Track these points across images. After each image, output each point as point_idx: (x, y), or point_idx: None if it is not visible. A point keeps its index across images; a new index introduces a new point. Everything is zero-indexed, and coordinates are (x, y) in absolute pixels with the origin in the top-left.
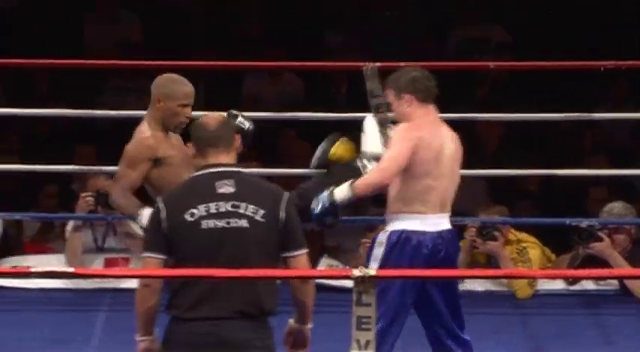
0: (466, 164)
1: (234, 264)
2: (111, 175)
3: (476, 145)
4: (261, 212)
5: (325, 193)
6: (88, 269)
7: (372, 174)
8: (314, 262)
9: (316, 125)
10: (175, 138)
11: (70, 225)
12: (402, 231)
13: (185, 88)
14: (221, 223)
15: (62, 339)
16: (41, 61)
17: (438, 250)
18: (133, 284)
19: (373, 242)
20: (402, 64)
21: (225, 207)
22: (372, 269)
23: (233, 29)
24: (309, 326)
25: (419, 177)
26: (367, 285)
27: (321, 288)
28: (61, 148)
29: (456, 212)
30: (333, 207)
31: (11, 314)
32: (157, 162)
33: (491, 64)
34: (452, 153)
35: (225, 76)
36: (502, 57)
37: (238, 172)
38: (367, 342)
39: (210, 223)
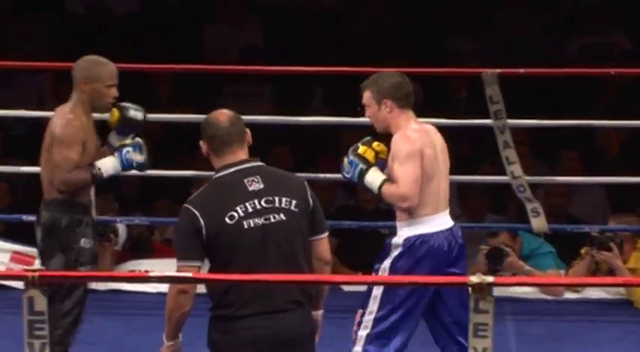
0: (586, 171)
1: (282, 258)
2: None
3: (596, 152)
4: (294, 202)
5: (360, 167)
6: (204, 273)
7: (401, 190)
8: None
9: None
10: (94, 126)
11: None
12: (419, 236)
13: (111, 68)
14: (261, 220)
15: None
16: (162, 66)
17: (452, 248)
18: None
19: (389, 246)
20: (521, 70)
21: (261, 203)
22: (490, 277)
23: (353, 34)
24: (321, 311)
25: (427, 182)
26: (484, 292)
27: None
28: (183, 153)
29: (575, 219)
30: (354, 183)
31: (129, 318)
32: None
33: (612, 71)
34: (442, 149)
35: (345, 81)
36: (625, 64)
37: (260, 166)
38: (484, 349)
39: (251, 222)
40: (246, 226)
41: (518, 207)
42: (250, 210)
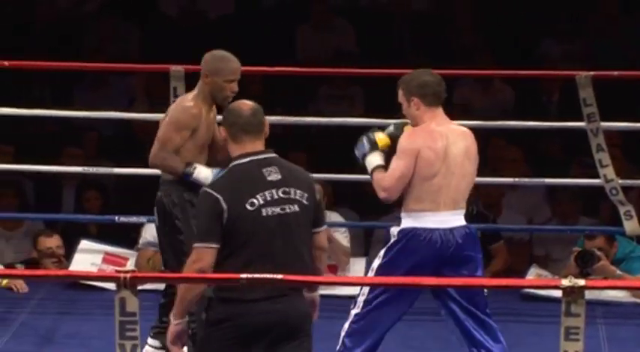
0: None
1: (289, 247)
2: (318, 181)
3: None
4: (306, 195)
5: (367, 147)
6: (296, 276)
7: (384, 181)
8: (523, 272)
9: (526, 133)
10: (214, 117)
11: None
12: (413, 229)
13: (231, 64)
14: (277, 210)
15: None
16: (255, 68)
17: (449, 246)
18: (342, 290)
19: (388, 235)
20: (615, 73)
21: (278, 194)
22: (581, 280)
23: (445, 37)
24: (318, 293)
25: (423, 180)
26: (576, 295)
27: (530, 298)
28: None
29: None
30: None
31: None
32: (192, 133)
33: None
34: (461, 151)
35: None
36: None
37: (275, 158)
38: None
39: (269, 211)
40: (264, 214)
41: (611, 210)
42: (269, 198)
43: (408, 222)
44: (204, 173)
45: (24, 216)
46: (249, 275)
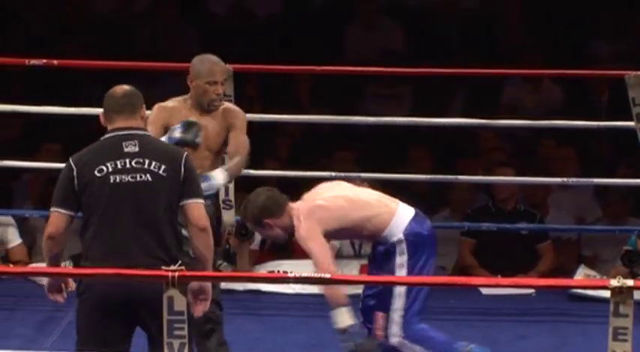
0: None
1: (143, 216)
2: (367, 181)
3: None
4: (164, 166)
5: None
6: (344, 275)
7: None
8: (571, 271)
9: (576, 133)
10: (206, 123)
11: None
12: (406, 227)
13: (210, 65)
14: (127, 178)
15: (317, 344)
16: (303, 67)
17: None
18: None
19: (393, 252)
20: None
21: (131, 163)
22: (630, 280)
23: (493, 36)
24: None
25: None
26: (625, 296)
27: (577, 298)
28: (321, 154)
29: None
30: None
31: (268, 318)
32: (165, 130)
33: None
34: None
35: (485, 83)
36: None
37: (142, 134)
38: None
39: (117, 178)
40: (112, 180)
41: None
42: (120, 166)
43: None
44: (220, 177)
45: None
46: (296, 275)
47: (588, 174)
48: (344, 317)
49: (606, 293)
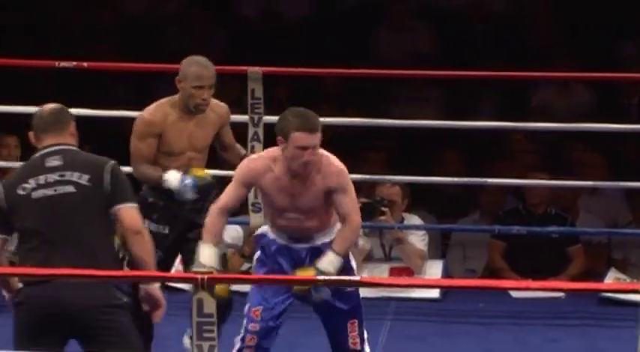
0: None
1: (71, 227)
2: (397, 184)
3: None
4: (87, 177)
5: None
6: (373, 278)
7: None
8: (601, 275)
9: (606, 136)
10: (196, 123)
11: None
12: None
13: (198, 69)
14: (49, 192)
15: None
16: (332, 69)
17: None
18: (418, 293)
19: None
20: None
21: (53, 177)
22: None
23: (523, 38)
24: (156, 285)
25: None
26: None
27: (607, 302)
28: (351, 156)
29: None
30: None
31: (295, 320)
32: (160, 139)
33: None
34: None
35: (515, 87)
36: None
37: (68, 149)
38: None
39: (40, 193)
40: (34, 196)
41: None
42: (42, 182)
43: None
44: (170, 178)
45: None
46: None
47: (619, 178)
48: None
49: (637, 297)
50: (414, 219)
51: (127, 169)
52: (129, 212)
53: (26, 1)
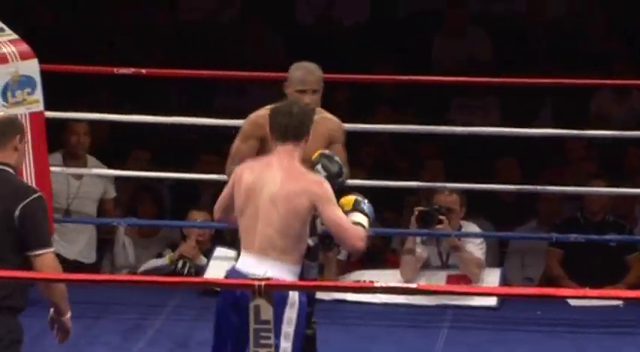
0: None
1: None
2: (454, 192)
3: None
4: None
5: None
6: (430, 285)
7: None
8: None
9: None
10: None
11: (411, 240)
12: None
13: (301, 73)
14: None
15: None
16: (389, 76)
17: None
18: (476, 301)
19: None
20: None
21: None
22: None
23: (581, 45)
24: (67, 316)
25: (239, 212)
26: None
27: None
28: (409, 162)
29: None
30: None
31: (355, 328)
32: (262, 141)
33: None
34: (268, 195)
35: (574, 93)
36: None
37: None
38: None
39: None
40: None
41: None
42: None
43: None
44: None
45: (161, 223)
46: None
47: None
48: None
49: None
50: (472, 227)
51: (191, 176)
52: (44, 261)
53: (85, 6)
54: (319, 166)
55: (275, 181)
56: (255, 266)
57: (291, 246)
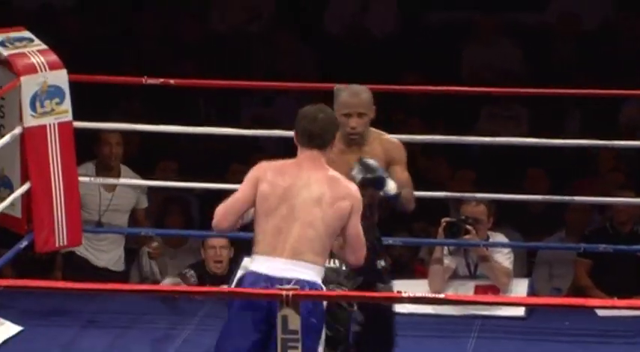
0: None
1: None
2: (482, 202)
3: None
4: None
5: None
6: (458, 295)
7: (217, 209)
8: None
9: None
10: (358, 156)
11: (439, 250)
12: (245, 273)
13: (345, 96)
14: None
15: None
16: (420, 87)
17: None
18: (504, 311)
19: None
20: None
21: None
22: None
23: (610, 54)
24: None
25: (260, 218)
26: None
27: None
28: (434, 171)
29: None
30: None
31: None
32: None
33: None
34: (312, 196)
35: (603, 103)
36: None
37: None
38: None
39: None
40: None
41: None
42: None
43: (247, 264)
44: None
45: (190, 233)
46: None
47: None
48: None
49: None
50: (500, 237)
51: (219, 185)
52: None
53: (114, 16)
54: (355, 171)
55: (314, 183)
56: (287, 270)
57: (327, 249)
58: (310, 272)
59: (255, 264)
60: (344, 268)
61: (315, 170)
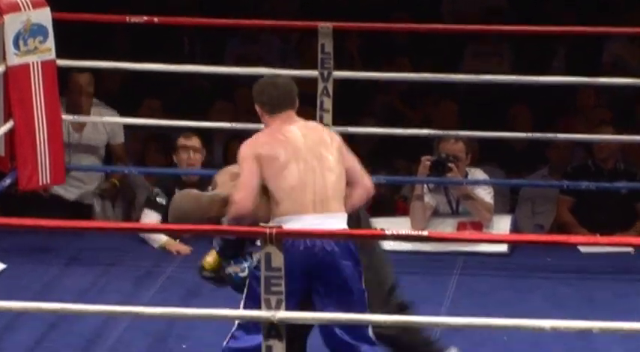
0: None
1: None
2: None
3: None
4: None
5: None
6: (441, 232)
7: (236, 196)
8: None
9: None
10: None
11: (419, 188)
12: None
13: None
14: None
15: (415, 301)
16: (403, 25)
17: (313, 252)
18: (486, 247)
19: None
20: None
21: None
22: None
23: None
24: None
25: (277, 176)
26: None
27: None
28: (420, 110)
29: None
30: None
31: None
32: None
33: None
34: (315, 141)
35: (587, 41)
36: None
37: None
38: None
39: None
40: None
41: None
42: None
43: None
44: None
45: (170, 171)
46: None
47: None
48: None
49: None
50: (479, 173)
51: (204, 124)
52: None
53: None
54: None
55: (306, 134)
56: (319, 225)
57: (344, 193)
58: (340, 222)
59: (289, 226)
60: None
61: (299, 124)
